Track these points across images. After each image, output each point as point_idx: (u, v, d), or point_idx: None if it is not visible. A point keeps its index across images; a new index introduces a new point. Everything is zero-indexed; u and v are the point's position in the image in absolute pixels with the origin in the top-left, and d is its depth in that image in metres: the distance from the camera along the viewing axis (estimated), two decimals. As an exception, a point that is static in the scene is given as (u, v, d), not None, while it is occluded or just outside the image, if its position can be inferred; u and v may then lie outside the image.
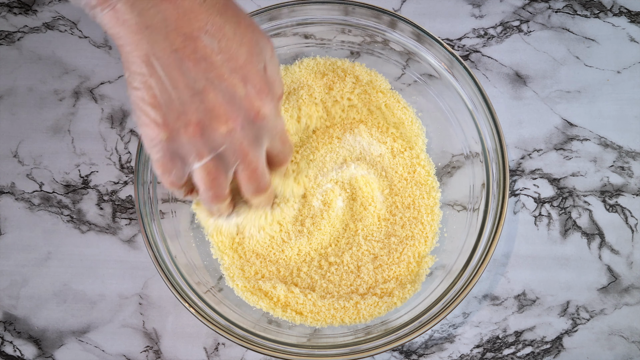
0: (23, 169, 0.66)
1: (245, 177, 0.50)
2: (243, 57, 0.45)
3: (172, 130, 0.45)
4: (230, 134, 0.46)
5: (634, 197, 0.64)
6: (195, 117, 0.45)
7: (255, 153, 0.48)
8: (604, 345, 0.62)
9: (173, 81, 0.44)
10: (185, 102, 0.44)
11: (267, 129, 0.48)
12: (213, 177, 0.48)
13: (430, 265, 0.60)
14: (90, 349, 0.62)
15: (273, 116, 0.47)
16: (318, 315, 0.58)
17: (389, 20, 0.61)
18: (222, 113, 0.45)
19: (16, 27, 0.69)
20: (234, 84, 0.45)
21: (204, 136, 0.45)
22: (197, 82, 0.44)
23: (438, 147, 0.64)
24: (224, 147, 0.46)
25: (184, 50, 0.43)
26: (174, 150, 0.46)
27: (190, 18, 0.43)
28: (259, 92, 0.46)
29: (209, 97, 0.44)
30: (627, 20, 0.68)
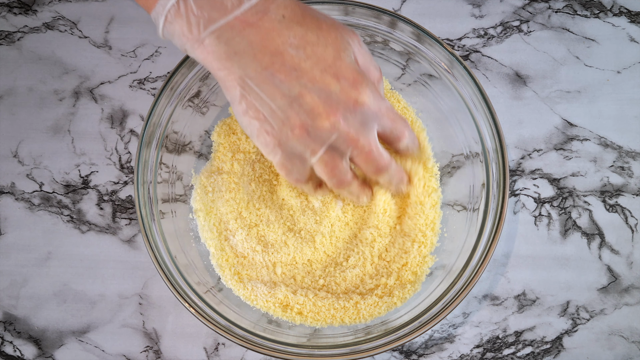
0: (23, 169, 0.66)
1: (362, 161, 0.52)
2: (331, 56, 0.49)
3: (281, 136, 0.49)
4: (335, 126, 0.49)
5: (634, 197, 0.64)
6: (297, 120, 0.48)
7: (365, 137, 0.51)
8: (604, 345, 0.62)
9: (270, 95, 0.47)
10: (286, 109, 0.48)
11: (371, 113, 0.50)
12: (331, 166, 0.52)
13: (430, 265, 0.60)
14: (90, 349, 0.62)
15: (373, 100, 0.50)
16: (318, 315, 0.58)
17: (389, 20, 0.61)
18: (322, 111, 0.48)
19: (16, 27, 0.69)
20: (327, 83, 0.48)
21: (310, 134, 0.49)
22: (292, 90, 0.47)
23: (438, 147, 0.64)
24: (332, 138, 0.49)
25: (273, 66, 0.47)
26: (290, 152, 0.50)
27: (273, 37, 0.47)
28: (353, 82, 0.49)
29: (307, 100, 0.48)
30: (627, 20, 0.68)
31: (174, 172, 0.62)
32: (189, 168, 0.63)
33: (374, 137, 0.52)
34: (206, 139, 0.64)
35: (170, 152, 0.62)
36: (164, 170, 0.61)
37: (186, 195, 0.63)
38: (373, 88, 0.51)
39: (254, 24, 0.47)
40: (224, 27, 0.47)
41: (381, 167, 0.54)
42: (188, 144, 0.63)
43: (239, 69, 0.47)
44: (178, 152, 0.62)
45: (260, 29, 0.47)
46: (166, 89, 0.60)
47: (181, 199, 0.62)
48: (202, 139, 0.64)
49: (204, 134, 0.64)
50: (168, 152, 0.61)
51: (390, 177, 0.56)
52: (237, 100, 0.48)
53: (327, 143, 0.50)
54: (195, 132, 0.64)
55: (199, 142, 0.64)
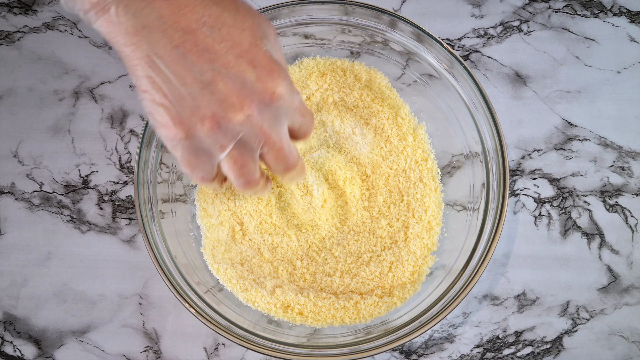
0: (23, 169, 0.66)
1: (272, 158, 0.49)
2: (247, 41, 0.45)
3: (189, 127, 0.45)
4: (248, 119, 0.45)
5: (634, 197, 0.64)
6: (209, 110, 0.44)
7: (277, 133, 0.48)
8: (604, 345, 0.62)
9: (180, 77, 0.43)
10: (196, 96, 0.44)
11: (285, 107, 0.47)
12: (240, 164, 0.48)
13: (430, 265, 0.60)
14: (90, 349, 0.62)
15: (289, 93, 0.47)
16: (318, 315, 0.58)
17: (389, 20, 0.61)
18: (235, 101, 0.44)
19: (16, 27, 0.69)
20: (242, 70, 0.44)
21: (221, 127, 0.45)
22: (204, 74, 0.43)
23: (438, 147, 0.64)
24: (243, 132, 0.46)
25: (184, 44, 0.43)
26: (196, 146, 0.46)
27: (186, 12, 0.43)
28: (270, 72, 0.45)
29: (219, 87, 0.44)
30: (627, 20, 0.68)
31: (174, 172, 0.62)
32: (189, 168, 0.63)
33: (286, 133, 0.49)
34: (206, 139, 0.64)
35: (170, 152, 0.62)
36: (164, 170, 0.61)
37: (186, 195, 0.63)
38: (289, 80, 0.47)
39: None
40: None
41: (290, 165, 0.51)
42: (188, 144, 0.63)
43: (146, 45, 0.43)
44: (178, 152, 0.62)
45: (173, 3, 0.43)
46: (166, 89, 0.60)
47: (181, 199, 0.62)
48: (202, 139, 0.64)
49: (204, 134, 0.64)
50: (168, 152, 0.61)
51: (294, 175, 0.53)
52: (143, 82, 0.44)
53: (237, 137, 0.46)
54: (195, 132, 0.64)
55: (199, 142, 0.64)
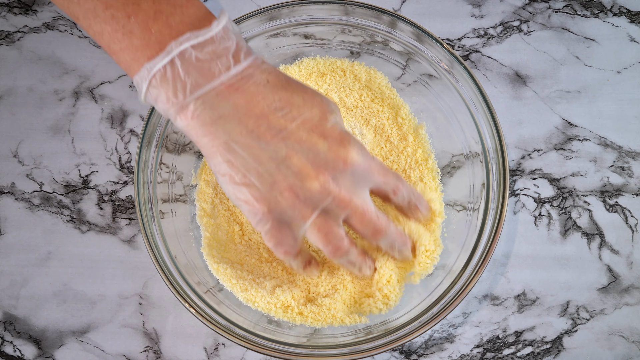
0: (23, 169, 0.66)
1: (357, 222, 0.50)
2: (317, 116, 0.47)
3: (270, 201, 0.47)
4: (325, 187, 0.47)
5: (634, 197, 0.64)
6: (286, 183, 0.47)
7: (358, 197, 0.49)
8: (604, 345, 0.62)
9: (256, 158, 0.46)
10: (274, 172, 0.46)
11: (361, 171, 0.49)
12: (325, 231, 0.49)
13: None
14: (90, 349, 0.62)
15: (362, 158, 0.49)
16: (318, 315, 0.58)
17: (389, 20, 0.61)
18: (310, 171, 0.47)
19: (16, 27, 0.69)
20: (314, 143, 0.47)
21: (300, 197, 0.47)
22: (279, 151, 0.46)
23: (438, 147, 0.64)
24: (324, 200, 0.48)
25: (259, 128, 0.46)
26: (279, 219, 0.48)
27: (258, 100, 0.46)
28: (340, 141, 0.48)
29: (294, 162, 0.46)
30: (627, 20, 0.68)
31: (174, 172, 0.62)
32: (189, 168, 0.63)
33: (368, 197, 0.50)
34: (206, 139, 0.64)
35: (170, 152, 0.62)
36: (164, 170, 0.61)
37: (186, 195, 0.63)
38: (361, 146, 0.49)
39: (239, 88, 0.46)
40: (210, 93, 0.45)
41: (379, 229, 0.52)
42: (188, 144, 0.63)
43: (224, 134, 0.46)
44: (178, 152, 0.62)
45: (246, 93, 0.46)
46: (166, 89, 0.60)
47: (181, 199, 0.62)
48: (202, 139, 0.64)
49: (204, 134, 0.64)
50: (168, 152, 0.61)
51: (390, 240, 0.54)
52: (223, 167, 0.47)
53: (318, 207, 0.48)
54: (195, 132, 0.64)
55: (199, 142, 0.64)
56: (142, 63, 0.45)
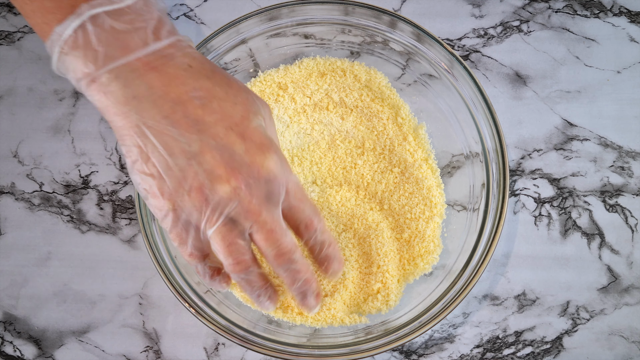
0: (23, 169, 0.66)
1: (261, 239, 0.46)
2: (239, 115, 0.44)
3: (176, 199, 0.44)
4: (236, 192, 0.44)
5: (634, 197, 0.64)
6: (195, 181, 0.43)
7: (268, 212, 0.45)
8: (604, 345, 0.62)
9: (168, 148, 0.43)
10: (184, 167, 0.43)
11: (277, 185, 0.45)
12: (228, 242, 0.45)
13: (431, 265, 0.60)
14: (90, 349, 0.62)
15: (280, 170, 0.45)
16: (318, 315, 0.58)
17: (389, 20, 0.61)
18: (222, 172, 0.43)
19: (16, 27, 0.69)
20: (231, 142, 0.44)
21: (208, 200, 0.44)
22: (192, 145, 0.43)
23: (438, 147, 0.64)
24: (232, 208, 0.44)
25: (174, 115, 0.43)
26: (185, 220, 0.45)
27: (177, 84, 0.43)
28: (260, 145, 0.44)
29: (207, 158, 0.43)
30: (627, 20, 0.68)
31: (174, 172, 0.62)
32: (189, 168, 0.63)
33: (278, 215, 0.46)
34: (206, 139, 0.64)
35: (170, 152, 0.62)
36: (164, 170, 0.61)
37: (186, 195, 0.63)
38: (281, 158, 0.45)
39: (156, 67, 0.43)
40: (124, 67, 0.42)
41: (284, 252, 0.47)
42: (188, 144, 0.63)
43: (136, 115, 0.42)
44: (178, 152, 0.62)
45: (163, 74, 0.43)
46: (166, 89, 0.60)
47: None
48: (202, 139, 0.64)
49: (204, 134, 0.64)
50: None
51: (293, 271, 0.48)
52: (132, 151, 0.43)
53: (225, 213, 0.44)
54: (195, 132, 0.64)
55: (199, 142, 0.64)
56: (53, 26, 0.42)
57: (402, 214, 0.61)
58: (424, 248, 0.60)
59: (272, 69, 0.65)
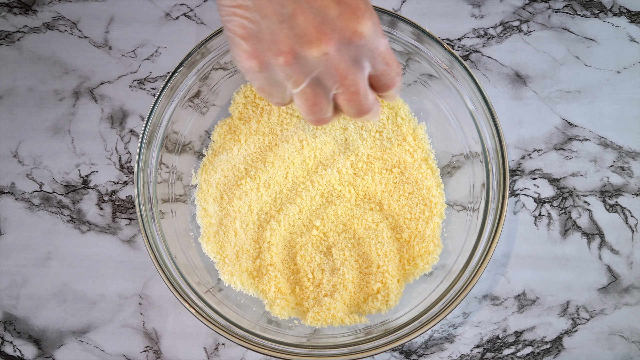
0: (23, 169, 0.66)
1: (345, 100, 0.47)
2: None
3: (264, 61, 0.44)
4: (325, 56, 0.43)
5: (634, 197, 0.64)
6: (286, 45, 0.43)
7: (354, 76, 0.46)
8: (604, 345, 0.62)
9: (260, 9, 0.43)
10: (275, 30, 0.43)
11: (367, 49, 0.45)
12: (312, 102, 0.47)
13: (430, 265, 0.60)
14: (90, 349, 0.62)
15: (372, 35, 0.44)
16: (318, 315, 0.58)
17: (389, 20, 0.61)
18: (313, 36, 0.43)
19: (16, 27, 0.69)
20: (325, 4, 0.43)
21: (296, 63, 0.44)
22: (285, 6, 0.42)
23: (438, 147, 0.64)
24: (319, 70, 0.44)
25: None
26: (272, 78, 0.46)
27: None
28: (354, 10, 0.43)
29: (299, 21, 0.43)
30: (627, 20, 0.68)
31: (174, 172, 0.62)
32: (189, 168, 0.64)
33: (364, 77, 0.47)
34: (206, 139, 0.64)
35: (170, 152, 0.62)
36: (164, 170, 0.61)
37: (186, 195, 0.63)
38: (375, 21, 0.45)
39: None
40: None
41: (363, 111, 0.48)
42: (188, 144, 0.63)
43: None
44: (178, 152, 0.63)
45: None
46: (166, 89, 0.60)
47: (181, 199, 0.62)
48: (202, 139, 0.64)
49: (204, 134, 0.64)
50: (168, 152, 0.61)
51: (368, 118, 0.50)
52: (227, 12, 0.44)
53: (312, 74, 0.45)
54: (195, 132, 0.64)
55: (199, 142, 0.64)
56: None
57: (401, 214, 0.61)
58: (423, 248, 0.60)
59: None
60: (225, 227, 0.61)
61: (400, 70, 0.49)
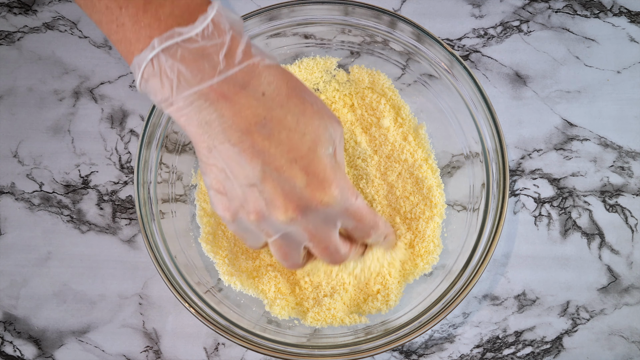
0: (23, 169, 0.66)
1: (316, 252, 0.51)
2: (306, 146, 0.45)
3: (237, 215, 0.47)
4: (292, 222, 0.46)
5: (634, 197, 0.64)
6: (254, 206, 0.46)
7: (323, 234, 0.49)
8: (604, 345, 0.62)
9: (233, 172, 0.45)
10: (245, 192, 0.46)
11: (335, 214, 0.48)
12: (284, 251, 0.50)
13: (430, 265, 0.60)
14: (90, 349, 0.62)
15: (340, 201, 0.47)
16: (318, 315, 0.58)
17: (389, 20, 0.61)
18: (280, 204, 0.46)
19: (16, 27, 0.69)
20: (293, 175, 0.45)
21: (266, 221, 0.47)
22: (255, 174, 0.45)
23: (438, 147, 0.64)
24: (288, 230, 0.48)
25: (241, 144, 0.44)
26: (245, 228, 0.49)
27: (247, 114, 0.44)
28: (322, 181, 0.46)
29: (267, 188, 0.45)
30: (627, 20, 0.68)
31: (174, 172, 0.62)
32: (189, 168, 0.64)
33: (334, 234, 0.50)
34: (206, 139, 0.64)
35: (170, 152, 0.62)
36: (164, 170, 0.61)
37: (186, 195, 0.63)
38: (344, 186, 0.47)
39: (228, 97, 0.43)
40: (196, 95, 0.43)
41: (336, 261, 0.53)
42: (188, 144, 0.63)
43: (208, 139, 0.44)
44: (178, 152, 0.63)
45: (234, 104, 0.44)
46: (166, 89, 0.60)
47: (181, 199, 0.62)
48: (202, 139, 0.64)
49: (204, 134, 0.64)
50: (168, 152, 0.61)
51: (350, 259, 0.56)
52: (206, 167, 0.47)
53: (281, 232, 0.48)
54: (195, 132, 0.64)
55: (199, 142, 0.64)
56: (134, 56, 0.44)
57: (402, 214, 0.61)
58: (424, 248, 0.60)
59: (272, 69, 0.65)
60: (225, 227, 0.61)
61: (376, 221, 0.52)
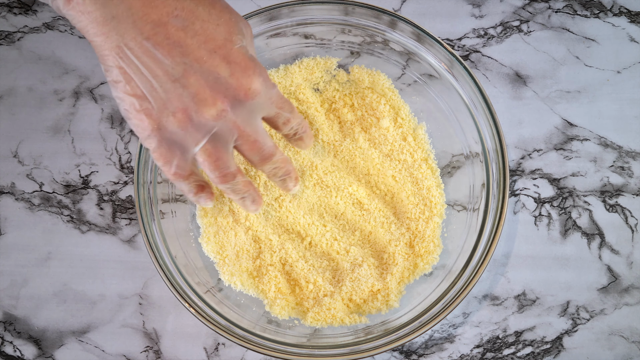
0: (23, 169, 0.66)
1: (246, 150, 0.49)
2: (222, 36, 0.44)
3: (161, 120, 0.44)
4: (221, 115, 0.45)
5: (634, 197, 0.64)
6: (180, 104, 0.44)
7: (251, 126, 0.47)
8: (604, 345, 0.62)
9: (150, 70, 0.43)
10: (168, 89, 0.43)
11: (260, 103, 0.47)
12: (214, 157, 0.47)
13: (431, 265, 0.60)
14: (90, 349, 0.62)
15: (264, 90, 0.46)
16: (318, 315, 0.58)
17: (389, 20, 0.61)
18: (208, 96, 0.44)
19: (16, 27, 0.69)
20: (215, 65, 0.44)
21: (193, 121, 0.44)
22: (175, 68, 0.43)
23: (438, 147, 0.64)
24: (217, 128, 0.45)
25: (155, 37, 0.42)
26: (169, 139, 0.45)
27: (157, 4, 0.42)
28: (245, 69, 0.45)
29: (191, 82, 0.43)
30: (627, 20, 0.68)
31: (174, 172, 0.62)
32: (189, 168, 0.63)
33: (260, 125, 0.49)
34: (206, 139, 0.64)
35: (170, 152, 0.62)
36: (164, 170, 0.61)
37: (186, 195, 0.63)
38: (265, 75, 0.46)
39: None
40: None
41: (266, 155, 0.50)
42: (188, 144, 0.63)
43: (116, 36, 0.42)
44: (178, 152, 0.62)
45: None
46: (166, 89, 0.60)
47: (181, 199, 0.62)
48: (202, 139, 0.64)
49: (204, 134, 0.64)
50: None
51: (274, 166, 0.52)
52: (114, 72, 0.43)
53: (210, 132, 0.45)
54: (195, 132, 0.64)
55: (199, 142, 0.64)
56: None
57: (402, 214, 0.61)
58: (424, 248, 0.60)
59: (272, 69, 0.65)
60: (225, 227, 0.61)
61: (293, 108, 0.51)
